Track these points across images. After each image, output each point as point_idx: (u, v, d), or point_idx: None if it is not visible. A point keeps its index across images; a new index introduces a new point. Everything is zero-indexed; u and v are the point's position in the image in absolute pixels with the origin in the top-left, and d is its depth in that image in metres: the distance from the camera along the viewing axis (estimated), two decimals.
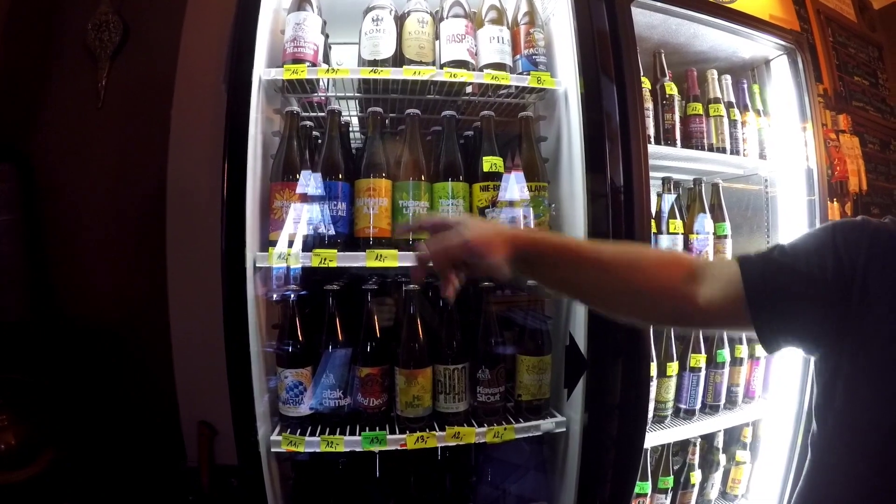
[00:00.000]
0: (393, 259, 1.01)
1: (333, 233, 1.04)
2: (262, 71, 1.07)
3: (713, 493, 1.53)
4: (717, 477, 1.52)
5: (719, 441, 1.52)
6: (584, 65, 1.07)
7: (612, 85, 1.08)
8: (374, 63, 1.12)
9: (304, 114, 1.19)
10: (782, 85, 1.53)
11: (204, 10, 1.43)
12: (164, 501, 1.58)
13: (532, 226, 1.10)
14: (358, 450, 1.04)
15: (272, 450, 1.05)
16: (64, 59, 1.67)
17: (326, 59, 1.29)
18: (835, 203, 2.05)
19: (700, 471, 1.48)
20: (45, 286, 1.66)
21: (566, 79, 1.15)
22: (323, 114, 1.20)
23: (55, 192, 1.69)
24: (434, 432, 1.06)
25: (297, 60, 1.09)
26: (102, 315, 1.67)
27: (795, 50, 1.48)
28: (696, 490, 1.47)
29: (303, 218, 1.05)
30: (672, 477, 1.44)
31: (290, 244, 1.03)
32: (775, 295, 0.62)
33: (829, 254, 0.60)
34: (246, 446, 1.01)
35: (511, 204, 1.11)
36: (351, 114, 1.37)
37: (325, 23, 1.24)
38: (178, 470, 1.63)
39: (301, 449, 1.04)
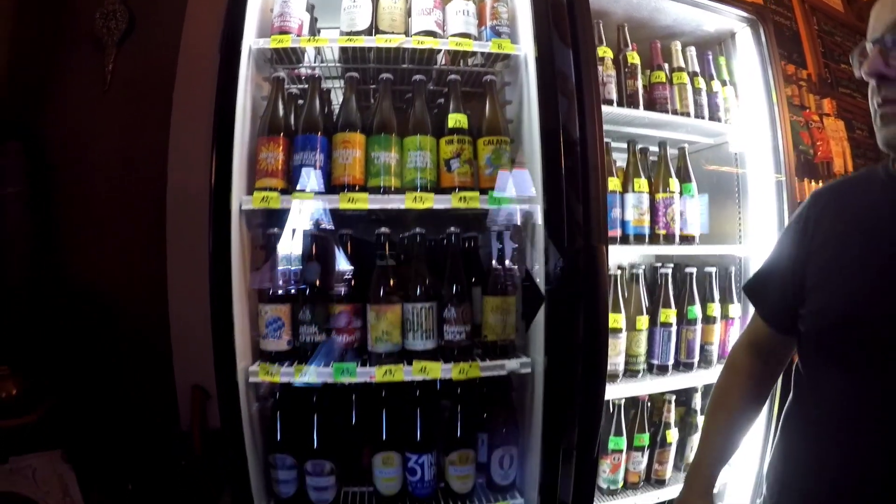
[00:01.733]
0: (363, 202, 1.17)
1: (312, 179, 1.20)
2: (251, 41, 1.26)
3: (692, 455, 1.60)
4: (695, 439, 1.60)
5: (696, 403, 1.61)
6: (537, 28, 1.23)
7: (566, 47, 1.24)
8: (351, 34, 1.30)
9: (290, 85, 1.38)
10: (747, 57, 1.68)
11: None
12: (157, 463, 1.71)
13: (492, 174, 1.24)
14: (330, 381, 1.17)
15: (250, 380, 1.19)
16: (72, 45, 1.91)
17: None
18: (817, 183, 2.17)
19: (677, 430, 1.57)
20: (51, 256, 1.85)
21: (526, 45, 1.31)
22: (307, 85, 1.39)
23: (62, 169, 1.90)
24: (401, 366, 1.19)
25: (283, 32, 1.28)
26: (103, 283, 1.85)
27: (758, 22, 1.64)
28: (673, 449, 1.55)
29: (286, 167, 1.22)
30: (648, 434, 1.53)
31: (272, 190, 1.19)
32: (763, 291, 0.89)
33: (787, 238, 0.85)
34: (225, 375, 1.14)
35: (474, 155, 1.26)
36: (335, 86, 1.57)
37: (312, 6, 1.45)
38: (171, 433, 1.78)
39: (277, 379, 1.17)
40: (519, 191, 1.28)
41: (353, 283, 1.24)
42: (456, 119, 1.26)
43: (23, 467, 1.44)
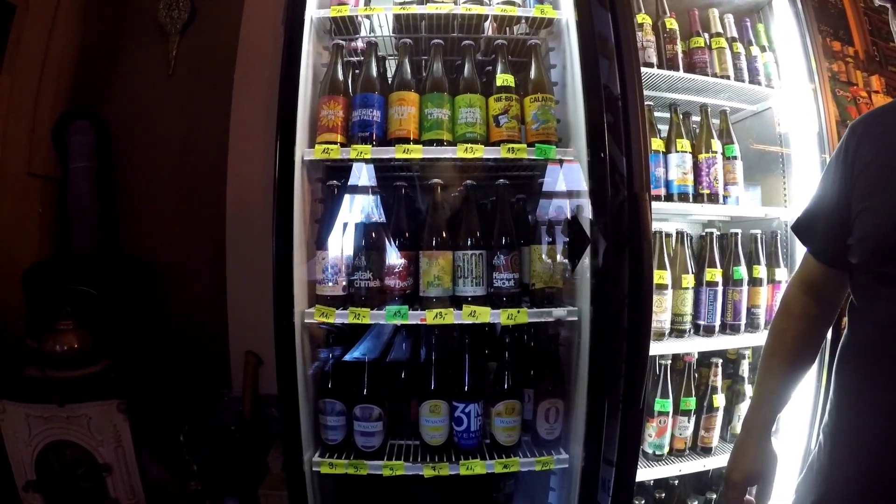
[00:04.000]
0: (418, 152, 1.28)
1: (369, 134, 1.33)
2: (313, 11, 1.42)
3: (739, 425, 1.62)
4: (742, 408, 1.61)
5: (744, 370, 1.63)
6: None
7: (604, 10, 1.35)
8: (403, 3, 1.45)
9: (348, 57, 1.53)
10: (785, 24, 1.74)
11: None
12: (204, 423, 1.84)
13: (539, 129, 1.35)
14: (382, 322, 1.28)
15: (305, 320, 1.30)
16: (138, 34, 2.14)
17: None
18: None
19: (723, 395, 1.59)
20: (115, 225, 2.06)
21: (567, 10, 1.43)
22: (363, 58, 1.54)
23: (128, 148, 2.11)
24: (451, 310, 1.29)
25: (341, 3, 1.44)
26: (163, 252, 2.04)
27: None
28: (720, 416, 1.58)
29: (345, 124, 1.35)
30: (695, 399, 1.56)
31: (333, 143, 1.33)
32: (811, 227, 0.92)
33: (829, 174, 0.88)
34: (283, 313, 1.25)
35: (521, 112, 1.37)
36: (388, 61, 1.71)
37: None
38: (220, 397, 1.91)
39: (332, 320, 1.28)
40: (564, 144, 1.38)
41: (406, 231, 1.34)
42: (504, 78, 1.37)
43: (78, 416, 1.57)
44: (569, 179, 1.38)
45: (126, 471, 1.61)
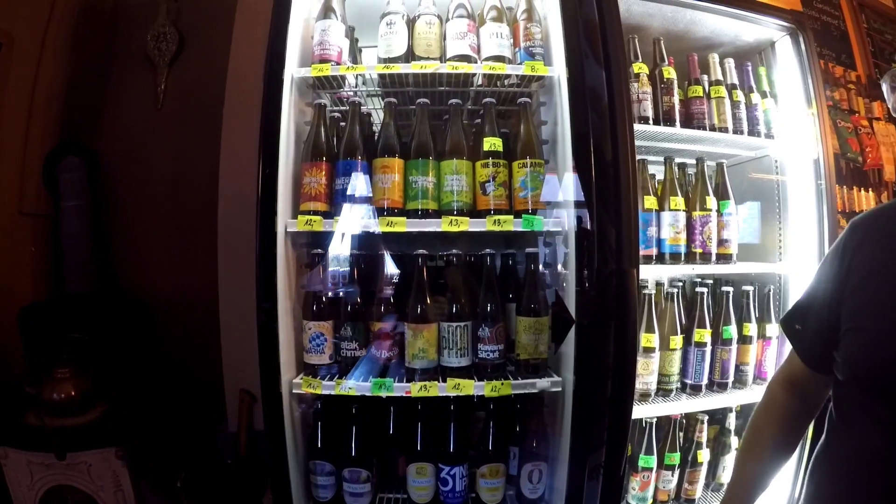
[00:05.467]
0: (402, 225, 1.22)
1: (353, 203, 1.26)
2: (293, 70, 1.32)
3: (724, 476, 1.60)
4: (728, 460, 1.59)
5: (731, 423, 1.59)
6: (568, 50, 1.24)
7: (599, 67, 1.25)
8: (387, 60, 1.35)
9: (332, 108, 1.44)
10: (787, 68, 1.63)
11: (250, 23, 1.75)
12: (204, 461, 1.83)
13: (527, 196, 1.27)
14: (368, 394, 1.24)
15: (293, 391, 1.26)
16: (126, 66, 2.05)
17: (354, 60, 1.54)
18: (867, 192, 2.08)
19: (708, 450, 1.56)
20: (108, 265, 2.01)
21: (559, 66, 1.32)
22: (348, 109, 1.45)
23: (119, 183, 2.04)
24: (436, 382, 1.24)
25: (324, 60, 1.34)
26: (156, 291, 1.99)
27: (797, 30, 1.59)
28: (704, 469, 1.55)
29: (328, 191, 1.28)
30: (679, 454, 1.53)
31: (316, 213, 1.26)
32: (799, 328, 0.89)
33: (824, 271, 0.84)
34: (270, 386, 1.22)
35: (509, 177, 1.29)
36: (375, 107, 1.62)
37: (352, 28, 1.50)
38: (218, 434, 1.90)
39: (318, 391, 1.24)
40: (552, 213, 1.31)
41: (391, 301, 1.29)
42: (491, 143, 1.29)
43: (78, 463, 1.57)
44: (556, 249, 1.32)
45: None
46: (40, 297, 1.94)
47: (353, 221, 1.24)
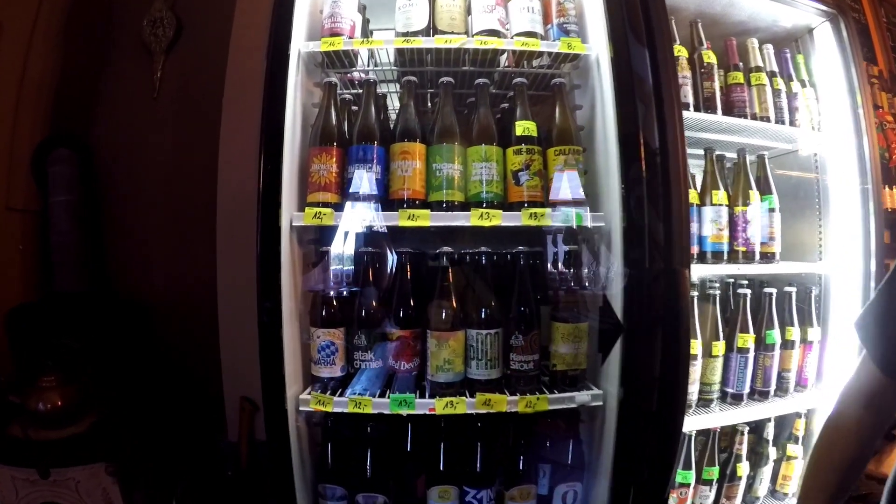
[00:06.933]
0: (425, 219, 1.01)
1: (369, 194, 1.05)
2: (300, 44, 1.11)
3: (762, 489, 1.40)
4: (765, 472, 1.40)
5: (769, 433, 1.40)
6: (612, 28, 1.05)
7: (642, 47, 1.05)
8: (407, 34, 1.14)
9: (343, 91, 1.23)
10: (827, 54, 1.44)
11: (253, 3, 1.52)
12: (202, 474, 1.62)
13: (567, 188, 1.07)
14: (386, 412, 1.03)
15: (300, 408, 1.05)
16: (121, 53, 1.80)
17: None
18: (891, 189, 1.89)
19: (748, 463, 1.37)
20: (100, 264, 1.77)
21: (597, 45, 1.12)
22: (361, 90, 1.23)
23: (113, 176, 1.81)
24: (464, 398, 1.04)
25: (335, 34, 1.13)
26: (152, 292, 1.76)
27: (838, 16, 1.40)
28: (742, 483, 1.36)
29: (339, 180, 1.07)
30: (718, 468, 1.33)
31: (326, 205, 1.05)
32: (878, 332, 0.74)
33: None
34: (273, 403, 1.01)
35: (544, 166, 1.09)
36: (391, 90, 1.41)
37: (363, 7, 1.29)
38: (216, 444, 1.68)
39: (329, 409, 1.03)
40: (593, 206, 1.10)
41: (412, 305, 1.08)
42: (524, 127, 1.08)
43: (66, 479, 1.35)
44: (597, 242, 1.11)
45: None
46: (29, 298, 1.71)
47: (367, 214, 1.03)
